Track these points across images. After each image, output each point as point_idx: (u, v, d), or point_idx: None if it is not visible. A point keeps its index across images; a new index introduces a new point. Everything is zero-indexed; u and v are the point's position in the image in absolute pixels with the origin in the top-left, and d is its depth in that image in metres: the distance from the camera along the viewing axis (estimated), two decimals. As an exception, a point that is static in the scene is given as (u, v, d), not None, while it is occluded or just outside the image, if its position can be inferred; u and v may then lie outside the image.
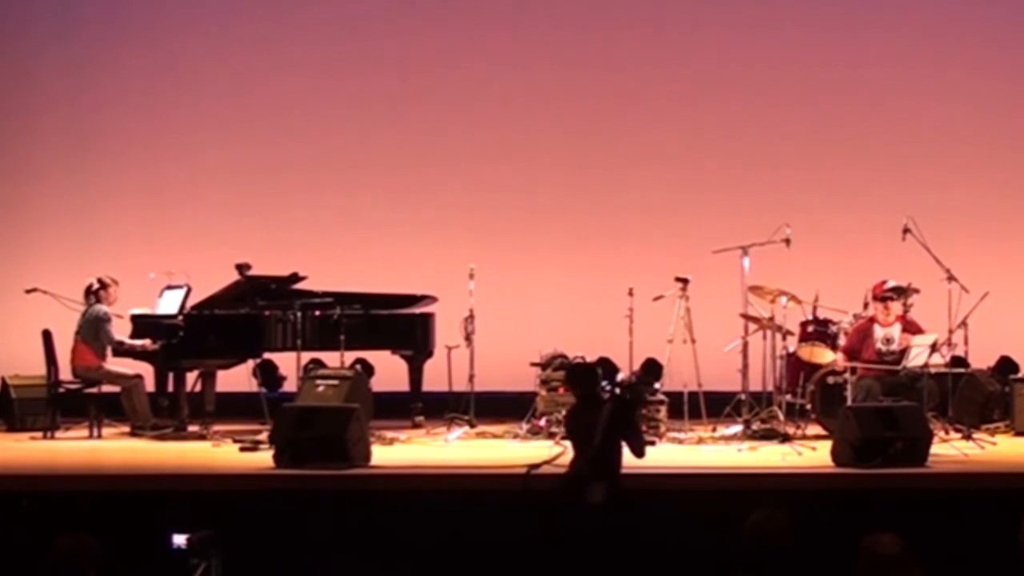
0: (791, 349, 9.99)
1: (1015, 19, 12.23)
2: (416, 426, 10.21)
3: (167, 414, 9.97)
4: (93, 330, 9.91)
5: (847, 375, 9.43)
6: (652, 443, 9.19)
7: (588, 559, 6.88)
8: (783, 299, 9.80)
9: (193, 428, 9.74)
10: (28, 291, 10.44)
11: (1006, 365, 11.19)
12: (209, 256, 10.69)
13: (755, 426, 9.49)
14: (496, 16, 12.32)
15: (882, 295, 9.55)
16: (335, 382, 9.69)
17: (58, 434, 9.88)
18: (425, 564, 6.86)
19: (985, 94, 12.11)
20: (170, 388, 10.09)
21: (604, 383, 7.22)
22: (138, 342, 9.99)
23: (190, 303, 10.04)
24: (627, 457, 8.58)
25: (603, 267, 11.70)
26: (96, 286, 10.04)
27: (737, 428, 9.57)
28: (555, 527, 6.62)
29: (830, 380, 9.70)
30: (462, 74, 12.25)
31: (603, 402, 6.87)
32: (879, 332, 9.55)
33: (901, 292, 9.62)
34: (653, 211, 12.08)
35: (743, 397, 9.73)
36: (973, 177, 12.03)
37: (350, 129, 12.21)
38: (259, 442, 8.73)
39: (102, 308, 9.96)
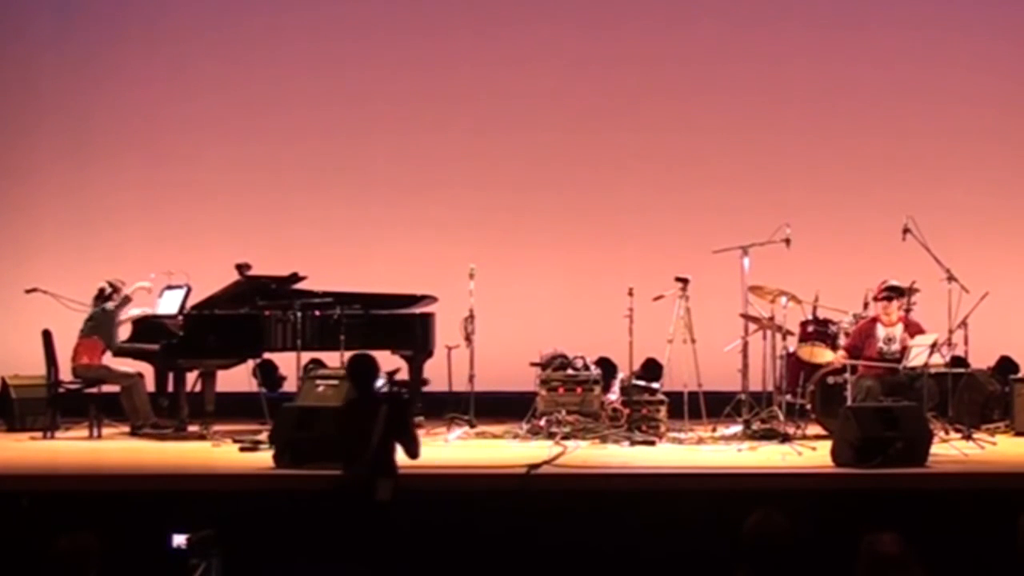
0: (791, 349, 9.99)
1: (1015, 18, 12.23)
2: (416, 426, 10.19)
3: (167, 414, 9.96)
4: (99, 327, 9.90)
5: (847, 375, 9.44)
6: (652, 443, 9.22)
7: (587, 560, 6.89)
8: (783, 299, 9.79)
9: (193, 428, 9.74)
10: (28, 291, 10.44)
11: (1006, 365, 11.20)
12: (209, 256, 10.68)
13: (755, 426, 9.49)
14: (496, 15, 12.33)
15: (880, 294, 9.56)
16: (335, 382, 9.66)
17: (58, 434, 9.88)
18: (425, 564, 6.85)
19: (985, 94, 12.11)
20: (170, 388, 10.08)
21: (379, 380, 7.02)
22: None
23: (190, 303, 10.05)
24: (634, 458, 8.58)
25: (603, 267, 11.70)
26: (108, 291, 10.03)
27: (737, 428, 9.57)
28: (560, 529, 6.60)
29: (830, 380, 9.71)
30: (462, 74, 12.25)
31: (379, 401, 6.71)
32: (882, 332, 9.54)
33: (899, 291, 9.61)
34: (653, 211, 12.09)
35: (743, 397, 9.73)
36: (973, 177, 12.04)
37: (350, 129, 12.21)
38: (259, 442, 8.73)
39: (111, 306, 9.95)
